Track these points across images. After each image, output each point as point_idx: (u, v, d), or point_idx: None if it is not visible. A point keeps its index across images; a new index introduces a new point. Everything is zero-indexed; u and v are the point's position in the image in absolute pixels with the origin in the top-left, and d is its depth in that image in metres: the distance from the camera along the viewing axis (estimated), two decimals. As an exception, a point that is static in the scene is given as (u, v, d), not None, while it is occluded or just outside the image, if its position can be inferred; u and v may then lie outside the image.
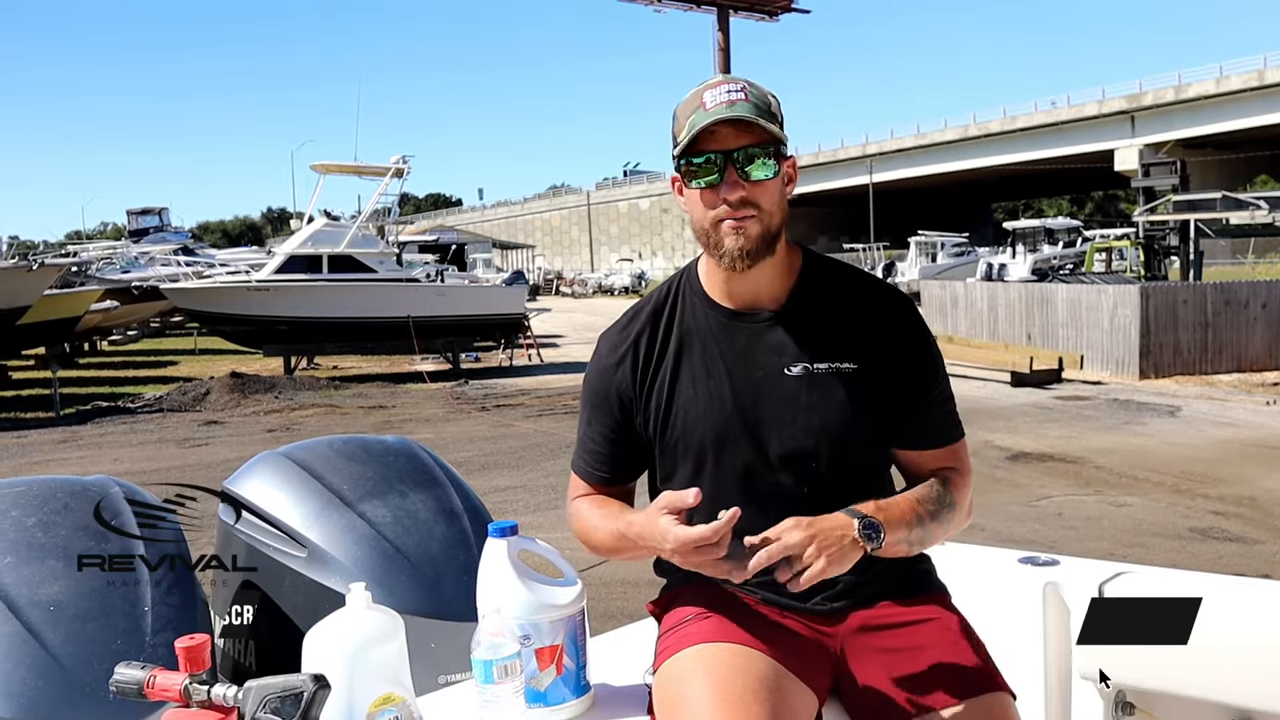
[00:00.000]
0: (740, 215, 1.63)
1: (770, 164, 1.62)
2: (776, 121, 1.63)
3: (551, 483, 9.98)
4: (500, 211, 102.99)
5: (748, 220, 1.63)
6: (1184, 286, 19.77)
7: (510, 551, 1.72)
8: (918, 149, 64.67)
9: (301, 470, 2.55)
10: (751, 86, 1.64)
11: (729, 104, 1.59)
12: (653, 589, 1.90)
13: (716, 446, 1.71)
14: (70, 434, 14.14)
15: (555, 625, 1.71)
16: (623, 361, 1.79)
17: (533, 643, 1.68)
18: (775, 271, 1.71)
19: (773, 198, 1.65)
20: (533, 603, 1.69)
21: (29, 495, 2.17)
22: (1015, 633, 2.11)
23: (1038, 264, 35.85)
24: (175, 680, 1.27)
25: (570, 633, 1.73)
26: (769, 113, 1.62)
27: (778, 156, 1.64)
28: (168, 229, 53.70)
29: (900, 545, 1.61)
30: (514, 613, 1.67)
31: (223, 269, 30.02)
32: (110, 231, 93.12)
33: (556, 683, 1.71)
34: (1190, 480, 9.79)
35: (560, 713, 1.72)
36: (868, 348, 1.69)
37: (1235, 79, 48.00)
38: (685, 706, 1.56)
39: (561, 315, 36.22)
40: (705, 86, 1.64)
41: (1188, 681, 1.96)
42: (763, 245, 1.65)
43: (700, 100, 1.62)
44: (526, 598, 1.69)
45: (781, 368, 1.69)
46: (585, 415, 1.84)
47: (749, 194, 1.62)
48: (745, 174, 1.62)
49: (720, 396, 1.71)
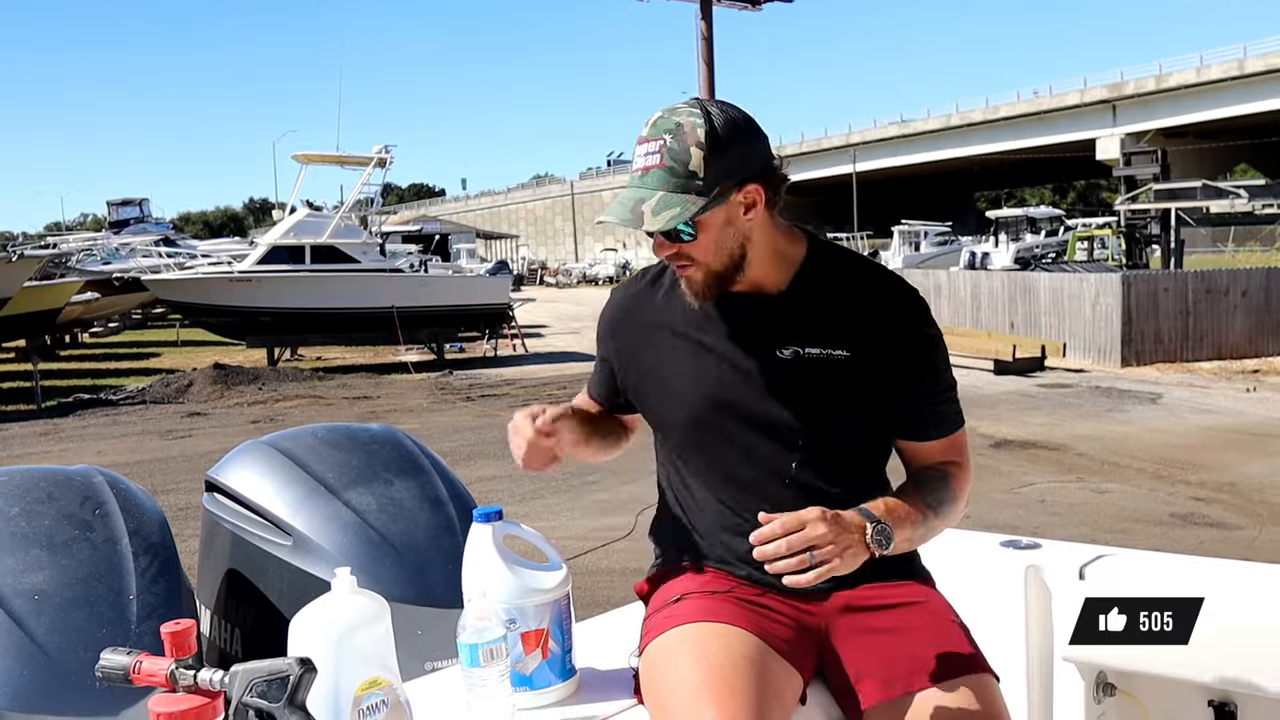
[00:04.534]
0: (678, 264, 1.68)
1: (687, 229, 1.61)
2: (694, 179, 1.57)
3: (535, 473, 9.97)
4: (484, 202, 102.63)
5: (688, 269, 1.67)
6: (1165, 275, 19.88)
7: (495, 536, 1.72)
8: (901, 138, 64.74)
9: (286, 459, 2.55)
10: (673, 140, 1.57)
11: (641, 172, 1.60)
12: (638, 576, 1.91)
13: (702, 423, 1.74)
14: (52, 426, 14.04)
15: (541, 609, 1.71)
16: (621, 319, 1.87)
17: (518, 627, 1.68)
18: (769, 265, 1.71)
19: (705, 250, 1.64)
20: (518, 587, 1.69)
21: (12, 485, 2.17)
22: (998, 615, 2.12)
23: (1020, 253, 35.99)
24: (161, 665, 1.27)
25: (556, 617, 1.73)
26: (685, 173, 1.57)
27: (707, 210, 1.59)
28: (148, 220, 53.24)
29: (905, 544, 1.62)
30: (499, 597, 1.67)
31: (205, 260, 29.80)
32: (90, 223, 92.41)
33: (542, 667, 1.71)
34: (1171, 467, 9.86)
35: (546, 696, 1.73)
36: (863, 337, 1.69)
37: (1215, 69, 48.19)
38: (671, 685, 1.57)
39: (546, 305, 36.19)
40: (638, 137, 1.62)
41: (1168, 663, 1.98)
42: (715, 284, 1.68)
43: (634, 153, 1.63)
44: (512, 582, 1.69)
45: (773, 350, 1.70)
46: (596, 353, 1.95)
47: (680, 250, 1.65)
48: (667, 237, 1.64)
49: (708, 374, 1.73)
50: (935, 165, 65.17)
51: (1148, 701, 2.13)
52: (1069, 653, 2.09)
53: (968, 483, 1.77)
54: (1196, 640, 1.94)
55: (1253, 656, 1.91)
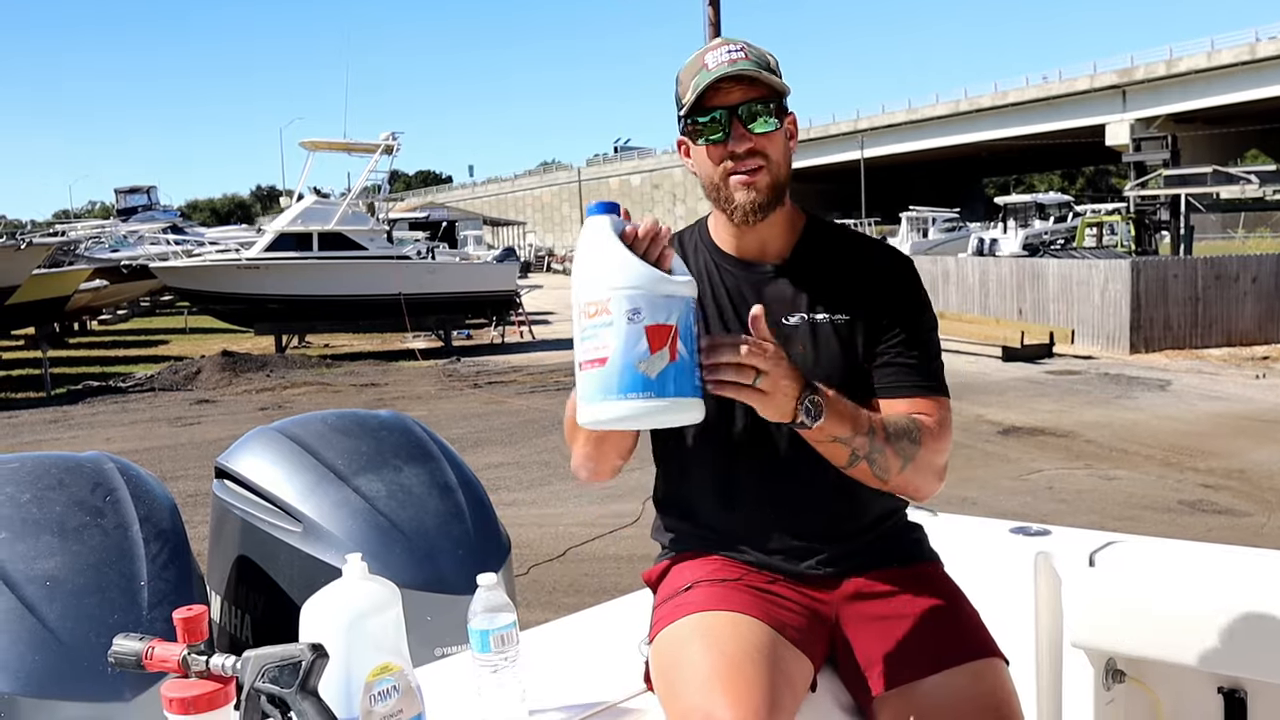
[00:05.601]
0: (748, 167, 1.68)
1: (773, 119, 1.67)
2: (777, 76, 1.68)
3: (544, 459, 10.00)
4: (491, 188, 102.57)
5: (757, 173, 1.68)
6: (1174, 261, 19.82)
7: (615, 227, 1.45)
8: (909, 124, 64.46)
9: (295, 445, 2.55)
10: (750, 46, 1.69)
11: (730, 63, 1.64)
12: (646, 563, 1.91)
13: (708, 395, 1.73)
14: (61, 414, 14.10)
15: (671, 301, 1.41)
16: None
17: (643, 318, 1.39)
18: (780, 227, 1.77)
19: (778, 148, 1.70)
20: (645, 273, 1.41)
21: (23, 471, 2.17)
22: (1007, 601, 2.13)
23: (1029, 239, 35.86)
24: (174, 651, 1.28)
25: (685, 320, 1.42)
26: (769, 69, 1.67)
27: (779, 112, 1.69)
28: (156, 207, 53.28)
29: (839, 445, 1.56)
30: (623, 281, 1.40)
31: (212, 247, 29.84)
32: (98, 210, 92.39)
33: (670, 370, 1.39)
34: (1180, 454, 9.84)
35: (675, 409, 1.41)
36: (863, 301, 1.73)
37: (1226, 53, 47.86)
38: (684, 675, 1.57)
39: (553, 292, 36.14)
40: (705, 50, 1.68)
41: (1177, 649, 1.98)
42: (772, 196, 1.70)
43: (702, 62, 1.66)
44: (638, 267, 1.41)
45: (780, 317, 1.72)
46: None
47: (756, 145, 1.67)
48: (750, 128, 1.66)
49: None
50: (943, 151, 64.88)
51: (1157, 688, 2.13)
52: (1079, 639, 2.09)
53: (941, 446, 1.69)
54: (1206, 627, 1.94)
55: (1262, 643, 1.90)
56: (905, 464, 1.62)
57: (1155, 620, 2.01)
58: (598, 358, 1.39)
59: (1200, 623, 1.95)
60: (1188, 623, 1.97)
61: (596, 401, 1.40)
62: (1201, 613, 1.96)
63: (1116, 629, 2.06)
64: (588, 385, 1.41)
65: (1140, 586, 2.05)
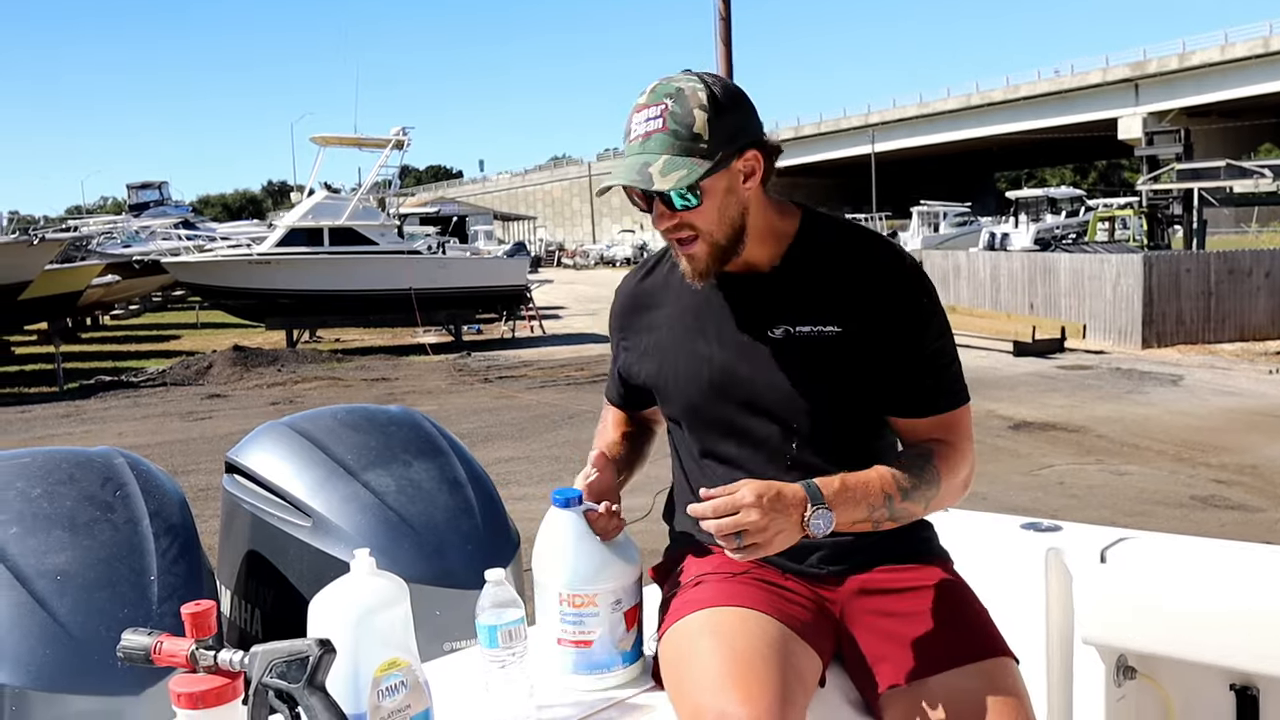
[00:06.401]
0: (680, 238, 1.63)
1: (690, 196, 1.58)
2: (699, 142, 1.55)
3: (555, 454, 10.00)
4: (501, 183, 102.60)
5: (691, 244, 1.63)
6: (1187, 255, 19.71)
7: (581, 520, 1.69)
8: (920, 118, 64.29)
9: (305, 440, 2.55)
10: (675, 104, 1.55)
11: (643, 138, 1.56)
12: (654, 558, 1.90)
13: (700, 405, 1.74)
14: (74, 408, 14.15)
15: (636, 584, 1.72)
16: (626, 311, 1.87)
17: (623, 606, 1.69)
18: (763, 243, 1.69)
19: (708, 218, 1.61)
20: (625, 569, 1.69)
21: (34, 466, 2.18)
22: (1018, 598, 2.12)
23: (1040, 233, 35.68)
24: (182, 646, 1.28)
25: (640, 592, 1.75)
26: (689, 136, 1.55)
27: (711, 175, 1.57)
28: (168, 203, 53.50)
29: (857, 527, 1.58)
30: (610, 581, 1.67)
31: (223, 242, 29.93)
32: (110, 206, 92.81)
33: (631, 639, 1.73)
34: (1192, 449, 9.80)
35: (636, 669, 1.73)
36: (855, 311, 1.65)
37: (1240, 46, 47.59)
38: (693, 670, 1.56)
39: (564, 287, 36.18)
40: (635, 105, 1.60)
41: (1189, 646, 1.97)
42: (717, 258, 1.64)
43: (629, 124, 1.60)
44: (620, 565, 1.68)
45: (765, 329, 1.68)
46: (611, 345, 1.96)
47: (681, 220, 1.61)
48: (669, 206, 1.61)
49: (703, 355, 1.72)
50: (955, 145, 64.70)
51: (1169, 685, 2.12)
52: (1090, 635, 2.08)
53: (961, 464, 1.68)
54: (1218, 624, 1.93)
55: (1274, 640, 1.89)
56: (928, 505, 1.65)
57: (1167, 616, 2.00)
58: (582, 640, 1.67)
59: (1212, 619, 1.94)
60: (1199, 619, 1.96)
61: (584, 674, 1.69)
62: (1213, 609, 1.95)
63: (1128, 625, 2.05)
64: (569, 659, 1.69)
65: (1152, 583, 2.04)
